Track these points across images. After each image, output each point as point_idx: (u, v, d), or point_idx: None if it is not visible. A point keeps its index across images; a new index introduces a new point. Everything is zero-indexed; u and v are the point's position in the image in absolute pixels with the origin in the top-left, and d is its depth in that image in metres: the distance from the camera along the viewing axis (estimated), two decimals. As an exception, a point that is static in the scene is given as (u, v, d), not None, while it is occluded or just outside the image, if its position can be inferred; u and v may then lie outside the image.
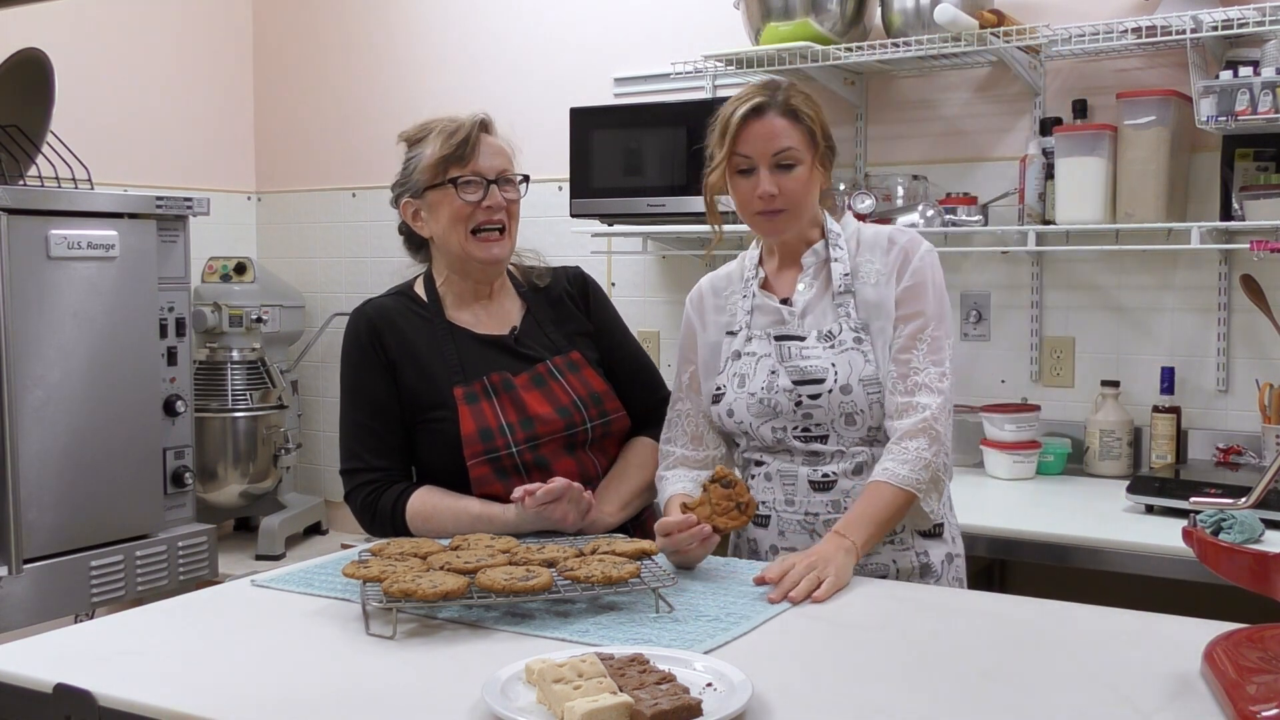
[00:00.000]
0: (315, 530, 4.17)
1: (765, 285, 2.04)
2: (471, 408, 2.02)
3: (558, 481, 1.91)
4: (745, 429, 1.99)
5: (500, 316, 2.15)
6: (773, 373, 1.95)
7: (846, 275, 1.97)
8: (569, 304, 2.20)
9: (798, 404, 1.93)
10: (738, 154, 1.95)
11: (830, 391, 1.91)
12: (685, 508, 1.84)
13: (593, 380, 2.12)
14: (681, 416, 2.09)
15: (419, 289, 2.16)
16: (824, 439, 1.94)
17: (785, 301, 2.01)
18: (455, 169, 2.05)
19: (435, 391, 2.04)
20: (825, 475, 1.94)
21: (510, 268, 2.20)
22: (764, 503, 1.99)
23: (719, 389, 2.02)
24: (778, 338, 1.98)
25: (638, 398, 2.19)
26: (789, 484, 1.97)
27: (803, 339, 1.96)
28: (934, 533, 1.97)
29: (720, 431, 2.06)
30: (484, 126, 2.10)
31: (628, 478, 2.10)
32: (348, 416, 2.10)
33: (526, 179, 2.15)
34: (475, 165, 2.06)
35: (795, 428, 1.95)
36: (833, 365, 1.92)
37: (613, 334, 2.23)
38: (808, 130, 1.94)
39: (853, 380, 1.91)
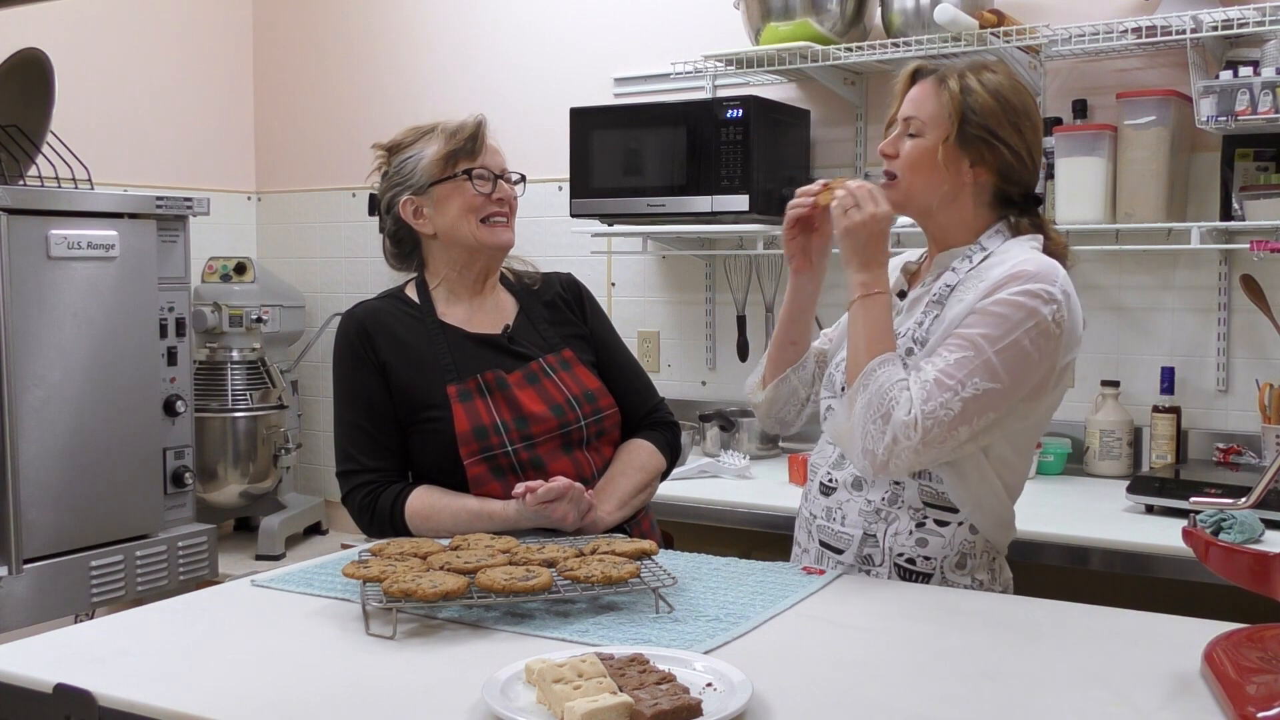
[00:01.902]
0: (315, 530, 4.17)
1: (915, 273, 1.97)
2: (465, 405, 2.02)
3: (560, 481, 1.91)
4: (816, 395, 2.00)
5: (493, 315, 2.16)
6: None
7: (949, 287, 1.83)
8: (563, 307, 2.22)
9: (844, 388, 1.90)
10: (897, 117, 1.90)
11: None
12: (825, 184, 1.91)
13: (585, 378, 2.13)
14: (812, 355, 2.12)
15: (410, 292, 2.17)
16: None
17: (902, 294, 1.94)
18: (465, 162, 2.09)
19: (428, 390, 2.04)
20: (830, 479, 1.92)
21: (503, 270, 2.22)
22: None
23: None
24: None
25: (634, 404, 2.20)
26: (810, 480, 1.97)
27: None
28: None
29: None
30: (483, 125, 2.14)
31: (626, 477, 2.10)
32: (342, 419, 2.10)
33: (523, 178, 2.17)
34: (484, 160, 2.11)
35: (829, 409, 1.93)
36: None
37: (607, 342, 2.24)
38: (948, 106, 1.81)
39: None
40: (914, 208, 1.89)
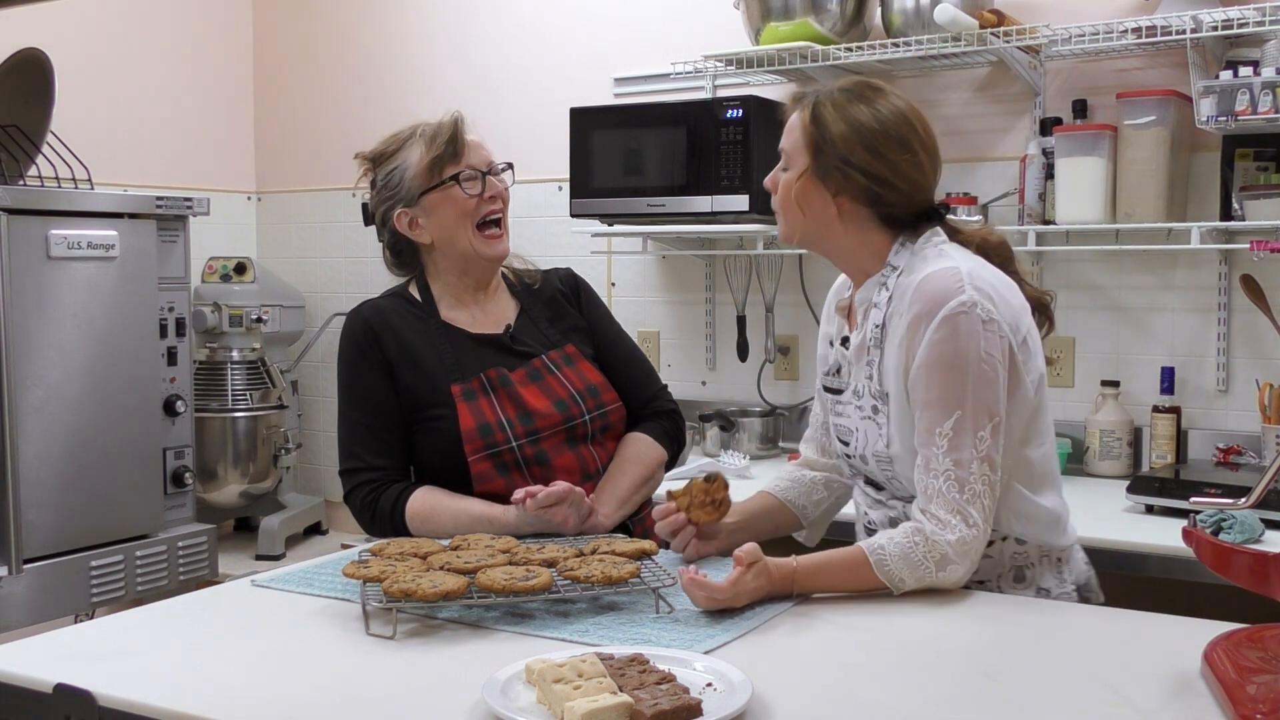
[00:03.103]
0: (315, 530, 4.17)
1: (849, 310, 1.88)
2: (469, 404, 2.03)
3: (559, 485, 1.91)
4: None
5: (495, 315, 2.16)
6: None
7: (878, 328, 1.76)
8: (562, 302, 2.23)
9: (846, 456, 1.86)
10: None
11: (851, 457, 1.83)
12: (670, 494, 1.88)
13: (588, 373, 2.13)
14: (814, 418, 2.04)
15: (413, 290, 2.17)
16: (880, 487, 1.83)
17: (845, 341, 1.86)
18: (451, 166, 2.08)
19: (432, 390, 2.05)
20: (869, 521, 1.87)
21: (503, 269, 2.22)
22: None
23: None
24: (825, 388, 1.91)
25: (633, 393, 2.20)
26: (856, 521, 1.93)
27: (840, 392, 1.85)
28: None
29: None
30: (460, 123, 2.12)
31: (624, 475, 2.10)
32: (346, 417, 2.10)
33: (510, 166, 2.17)
34: (469, 160, 2.09)
35: (851, 471, 1.89)
36: (855, 429, 1.80)
37: (606, 330, 2.25)
38: (806, 134, 1.77)
39: (868, 452, 1.78)
40: (800, 241, 1.84)
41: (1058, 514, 1.81)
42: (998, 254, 1.82)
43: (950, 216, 1.86)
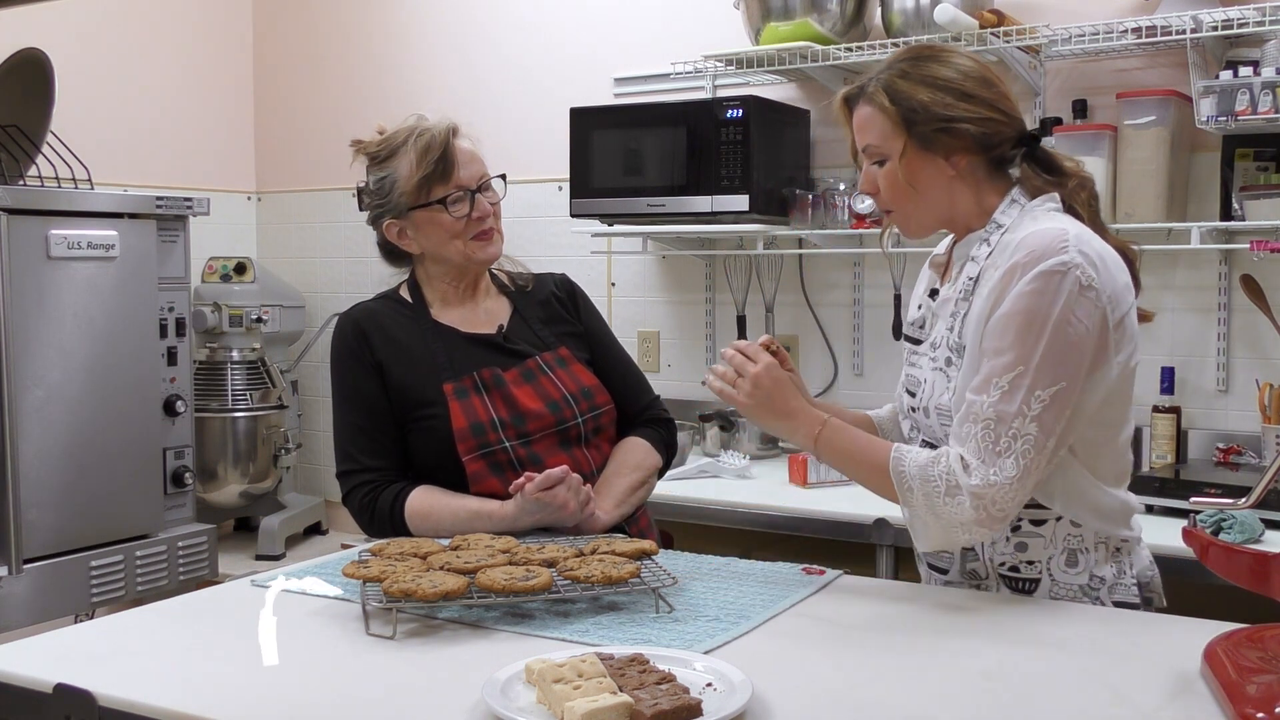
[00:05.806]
0: (315, 530, 4.17)
1: (945, 266, 1.82)
2: (462, 403, 2.03)
3: (557, 468, 1.92)
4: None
5: (487, 316, 2.16)
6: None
7: (971, 280, 1.69)
8: (557, 306, 2.23)
9: (910, 410, 1.80)
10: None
11: (915, 410, 1.77)
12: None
13: (582, 375, 2.13)
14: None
15: (404, 293, 2.17)
16: (936, 448, 1.70)
17: (934, 293, 1.81)
18: (439, 188, 2.06)
19: (425, 389, 2.05)
20: None
21: (494, 270, 2.22)
22: None
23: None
24: (905, 336, 1.87)
25: (629, 401, 2.21)
26: None
27: (919, 343, 1.80)
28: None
29: None
30: (454, 134, 2.10)
31: (621, 476, 2.10)
32: (341, 419, 2.10)
33: (503, 177, 2.16)
34: (458, 180, 2.07)
35: (912, 428, 1.81)
36: (924, 380, 1.75)
37: (601, 339, 2.25)
38: (891, 119, 1.69)
39: (931, 404, 1.72)
40: (928, 225, 1.78)
41: (1123, 505, 1.72)
42: (1089, 204, 1.75)
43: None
